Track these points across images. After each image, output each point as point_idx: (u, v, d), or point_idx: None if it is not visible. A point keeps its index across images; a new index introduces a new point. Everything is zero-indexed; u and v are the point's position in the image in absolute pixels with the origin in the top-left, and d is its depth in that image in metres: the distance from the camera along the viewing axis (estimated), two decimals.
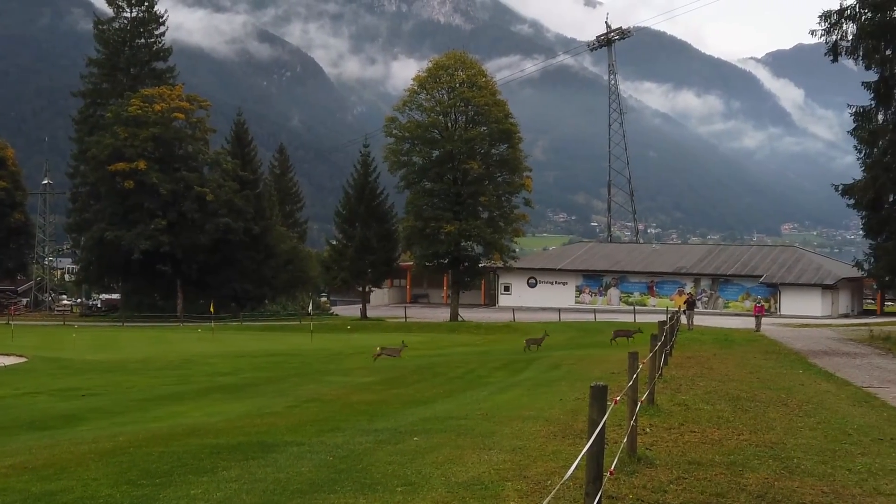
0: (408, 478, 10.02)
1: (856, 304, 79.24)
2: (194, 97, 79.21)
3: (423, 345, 46.35)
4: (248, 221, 75.28)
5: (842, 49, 40.01)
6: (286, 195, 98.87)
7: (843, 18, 39.54)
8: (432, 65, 67.66)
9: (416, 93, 66.60)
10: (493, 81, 70.35)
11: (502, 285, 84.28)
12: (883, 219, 40.17)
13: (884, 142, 39.10)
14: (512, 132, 66.68)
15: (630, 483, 9.72)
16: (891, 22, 38.47)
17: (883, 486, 10.20)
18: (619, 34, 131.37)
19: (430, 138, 65.91)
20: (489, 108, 64.88)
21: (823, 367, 27.02)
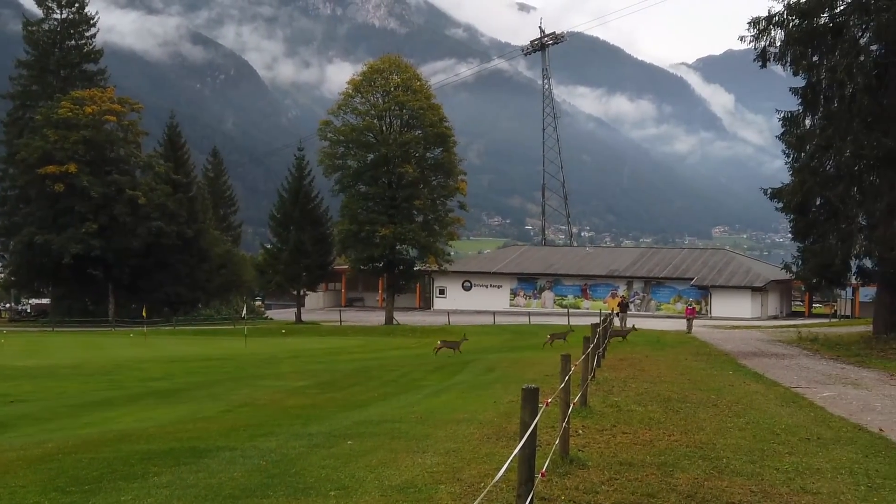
0: (341, 482, 10.01)
1: (784, 305, 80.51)
2: (126, 100, 78.24)
3: (358, 348, 46.30)
4: (181, 225, 74.50)
5: (770, 55, 40.67)
6: (220, 199, 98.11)
7: (772, 25, 40.19)
8: (367, 68, 67.49)
9: (350, 96, 66.40)
10: (428, 85, 70.45)
11: (437, 289, 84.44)
12: (810, 222, 40.87)
13: (811, 146, 39.77)
14: (447, 136, 66.79)
15: (562, 484, 9.79)
16: (817, 28, 39.16)
17: (809, 485, 10.40)
18: (552, 39, 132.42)
19: (365, 142, 65.77)
20: (424, 111, 64.92)
21: (753, 368, 27.46)
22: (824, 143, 38.80)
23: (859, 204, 39.43)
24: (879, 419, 16.60)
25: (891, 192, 38.40)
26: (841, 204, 38.76)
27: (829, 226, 40.22)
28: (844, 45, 38.12)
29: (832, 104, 39.43)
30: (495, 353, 37.52)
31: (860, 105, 37.00)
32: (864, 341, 37.62)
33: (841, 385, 22.88)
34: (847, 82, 37.38)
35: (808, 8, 39.15)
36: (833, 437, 14.31)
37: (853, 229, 39.36)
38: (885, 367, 27.95)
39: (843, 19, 39.31)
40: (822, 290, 57.78)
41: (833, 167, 39.29)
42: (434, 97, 68.94)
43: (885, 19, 36.44)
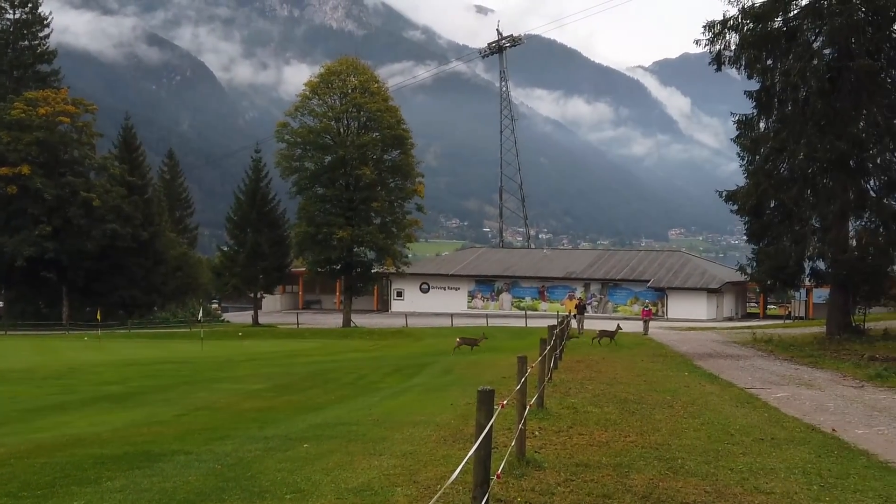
0: (297, 485, 9.97)
1: (739, 307, 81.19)
2: (80, 101, 77.36)
3: (316, 351, 46.16)
4: (136, 227, 73.80)
5: (725, 58, 41.06)
6: (176, 201, 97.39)
7: (727, 29, 40.59)
8: (324, 70, 67.24)
9: (308, 98, 66.11)
10: (386, 87, 70.26)
11: (395, 291, 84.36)
12: (764, 224, 41.26)
13: (765, 149, 40.16)
14: (404, 138, 66.70)
15: (518, 486, 9.81)
16: (772, 32, 39.60)
17: (763, 485, 10.48)
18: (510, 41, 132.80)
19: (323, 144, 65.51)
20: (381, 113, 64.78)
21: (708, 369, 27.67)
22: (778, 146, 39.22)
23: (813, 206, 39.89)
24: (832, 419, 16.77)
25: (843, 195, 38.91)
26: (795, 206, 39.19)
27: (783, 228, 40.63)
28: (798, 49, 38.58)
29: (786, 107, 39.90)
30: (453, 355, 37.53)
31: (813, 108, 37.48)
32: (818, 342, 38.04)
33: (795, 386, 23.10)
34: (801, 86, 37.84)
35: (763, 12, 39.59)
36: (787, 437, 14.43)
37: (807, 231, 39.81)
38: (838, 368, 28.25)
39: (797, 23, 39.78)
40: (776, 291, 58.38)
41: (787, 170, 39.72)
42: (392, 99, 68.82)
43: (838, 24, 36.90)
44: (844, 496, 10.10)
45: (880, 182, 39.90)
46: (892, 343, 36.19)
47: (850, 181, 39.44)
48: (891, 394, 21.41)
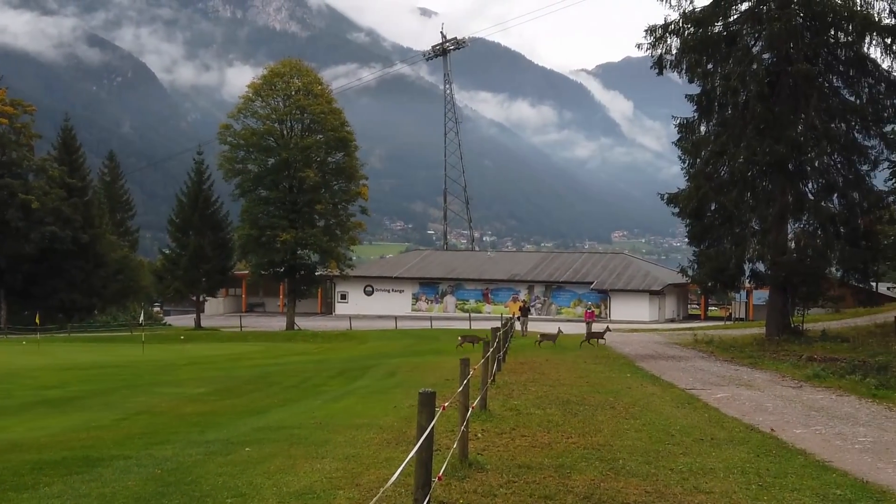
0: (238, 489, 9.91)
1: (681, 308, 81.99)
2: (19, 102, 76.38)
3: (259, 354, 45.89)
4: (76, 230, 72.93)
5: (667, 62, 41.38)
6: (117, 203, 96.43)
7: (668, 33, 40.92)
8: (268, 72, 66.97)
9: (251, 100, 65.78)
10: (330, 90, 70.09)
11: (339, 293, 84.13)
12: (705, 227, 41.65)
13: (706, 152, 40.55)
14: (348, 140, 66.59)
15: (461, 487, 9.83)
16: (712, 37, 40.01)
17: (702, 485, 10.58)
18: (454, 44, 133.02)
19: (266, 146, 65.23)
20: (325, 116, 64.61)
21: (650, 370, 27.88)
22: (719, 149, 39.63)
23: (752, 209, 40.35)
24: (771, 419, 16.98)
25: (782, 198, 39.41)
26: (735, 209, 39.61)
27: (723, 230, 41.05)
28: (738, 54, 39.04)
29: (726, 111, 40.33)
30: (397, 357, 37.53)
31: (753, 112, 37.90)
32: (758, 343, 38.48)
33: (734, 386, 23.35)
34: (740, 90, 38.29)
35: (703, 17, 39.99)
36: (726, 437, 14.58)
37: (746, 234, 40.27)
38: (777, 369, 28.59)
39: (737, 28, 40.26)
40: (717, 293, 59.03)
41: (727, 173, 40.11)
42: (335, 101, 68.70)
43: (777, 29, 37.40)
44: (782, 495, 10.23)
45: (818, 185, 40.45)
46: (829, 344, 36.70)
47: (788, 184, 39.95)
48: (828, 394, 21.72)
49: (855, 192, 39.67)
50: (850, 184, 39.78)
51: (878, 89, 39.84)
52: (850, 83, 40.62)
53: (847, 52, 39.79)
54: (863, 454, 13.34)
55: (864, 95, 40.14)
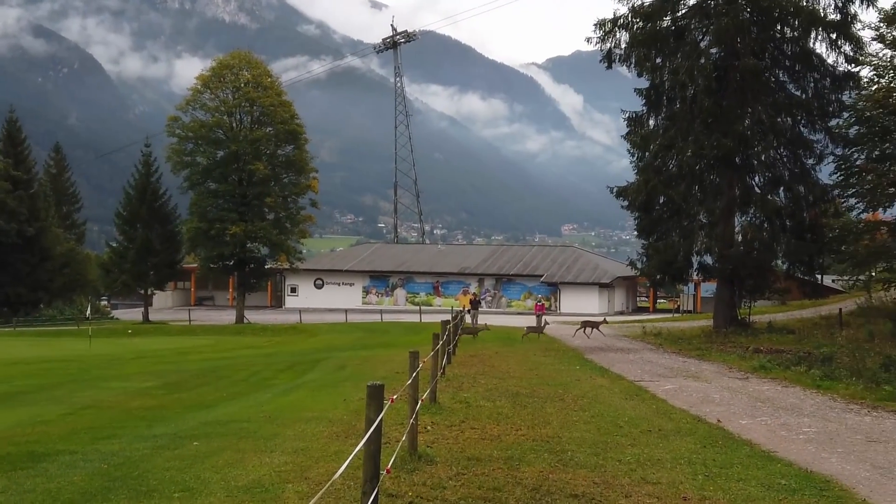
0: (186, 483, 9.85)
1: (630, 301, 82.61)
2: None
3: (208, 348, 45.54)
4: (21, 223, 71.84)
5: (616, 56, 41.64)
6: (63, 196, 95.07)
7: (617, 27, 41.19)
8: (217, 64, 66.43)
9: (199, 92, 65.23)
10: (279, 82, 69.73)
11: (289, 287, 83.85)
12: (654, 220, 41.94)
13: (654, 146, 40.85)
14: (298, 133, 66.25)
15: (410, 480, 9.84)
16: (660, 31, 40.32)
17: (650, 476, 10.67)
18: (404, 37, 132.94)
19: (215, 139, 64.71)
20: (275, 108, 64.23)
21: (599, 362, 28.05)
22: (667, 142, 39.96)
23: (700, 202, 40.73)
24: (717, 410, 17.15)
25: (729, 191, 39.83)
26: (683, 202, 39.94)
27: (671, 223, 41.37)
28: (686, 48, 39.39)
29: (675, 105, 40.63)
30: (347, 350, 37.43)
31: (701, 106, 38.24)
32: (705, 335, 38.85)
33: (682, 378, 23.57)
34: (688, 84, 38.59)
35: (652, 11, 40.29)
36: (674, 428, 14.71)
37: (694, 227, 40.63)
38: (724, 360, 28.90)
39: (685, 23, 40.62)
40: (665, 286, 59.43)
41: (675, 166, 40.43)
42: (285, 94, 68.33)
43: (724, 23, 37.77)
44: (728, 485, 10.34)
45: (765, 179, 40.93)
46: (775, 335, 37.13)
47: (736, 178, 40.38)
48: (774, 385, 21.98)
49: (801, 185, 40.18)
50: (796, 177, 40.29)
51: (823, 84, 40.36)
52: (796, 78, 41.14)
53: (793, 48, 40.30)
54: (807, 444, 13.52)
55: (809, 90, 40.68)
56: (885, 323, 36.22)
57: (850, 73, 39.94)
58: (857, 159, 39.50)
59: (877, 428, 15.31)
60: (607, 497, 9.55)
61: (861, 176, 38.72)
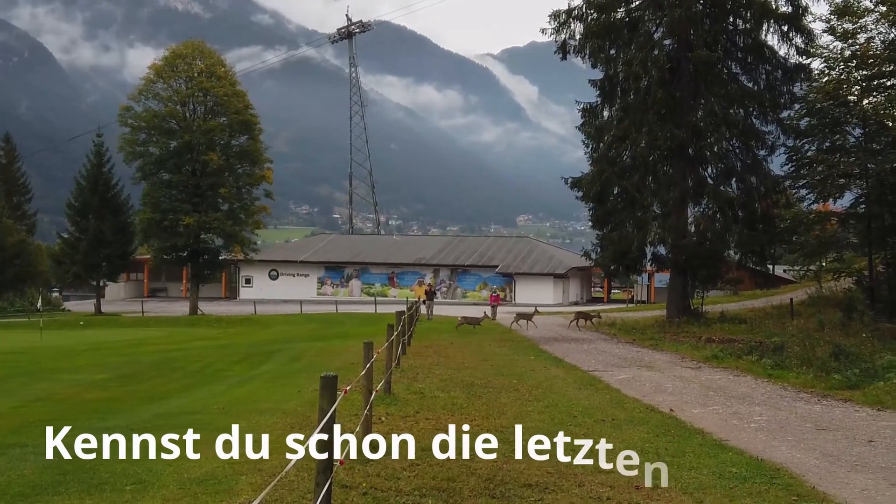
0: (138, 476, 9.79)
1: (585, 292, 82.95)
2: None
3: (162, 340, 45.21)
4: None
5: (570, 48, 41.78)
6: (13, 186, 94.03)
7: (571, 18, 41.32)
8: (170, 53, 65.81)
9: (152, 81, 64.61)
10: (233, 72, 69.21)
11: (243, 278, 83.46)
12: (608, 211, 42.13)
13: (609, 137, 41.02)
14: (252, 123, 65.85)
15: (364, 471, 9.85)
16: (614, 23, 40.52)
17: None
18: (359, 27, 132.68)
19: (168, 129, 64.17)
20: (229, 98, 63.79)
21: (554, 352, 28.19)
22: (621, 133, 40.14)
23: (654, 193, 40.96)
24: (670, 399, 17.31)
25: (682, 182, 40.11)
26: (637, 193, 40.15)
27: (625, 214, 41.55)
28: (640, 40, 39.62)
29: (628, 96, 40.80)
30: (302, 342, 37.34)
31: (654, 97, 38.47)
32: (659, 325, 39.16)
33: (636, 368, 23.75)
34: (642, 75, 38.80)
35: (606, 2, 40.49)
36: (627, 417, 14.83)
37: (648, 218, 40.84)
38: (677, 350, 29.17)
39: (639, 14, 40.85)
40: (619, 276, 59.84)
41: (629, 157, 40.62)
42: (239, 84, 67.83)
43: (678, 15, 38.03)
44: (680, 474, 10.44)
45: (717, 170, 41.26)
46: (727, 325, 37.53)
47: (689, 169, 40.69)
48: (726, 374, 22.22)
49: (753, 176, 40.56)
50: (748, 168, 40.67)
51: (775, 76, 40.79)
52: (748, 70, 41.51)
53: (745, 39, 40.66)
54: (758, 433, 13.69)
55: (761, 82, 41.07)
56: (834, 312, 36.75)
57: (802, 65, 40.39)
58: (808, 150, 39.95)
59: (826, 416, 15.53)
60: (561, 486, 9.62)
61: (812, 167, 39.16)
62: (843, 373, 20.03)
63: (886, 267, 38.72)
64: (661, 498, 9.31)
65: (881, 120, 37.36)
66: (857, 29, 36.46)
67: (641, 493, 9.43)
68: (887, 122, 37.30)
